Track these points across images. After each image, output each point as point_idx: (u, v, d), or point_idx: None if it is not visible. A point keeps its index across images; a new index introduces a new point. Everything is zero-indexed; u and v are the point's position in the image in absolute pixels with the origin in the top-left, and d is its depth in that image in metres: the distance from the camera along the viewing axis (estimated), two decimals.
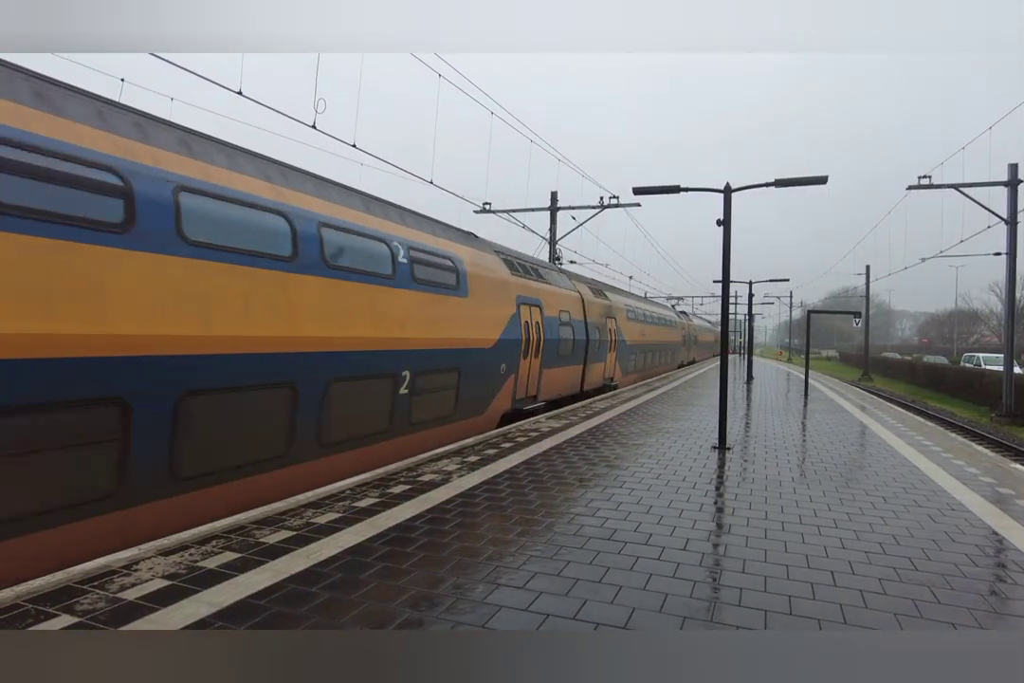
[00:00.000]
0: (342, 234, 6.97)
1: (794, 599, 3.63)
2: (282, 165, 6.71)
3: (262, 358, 5.69)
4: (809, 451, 8.61)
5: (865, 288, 45.82)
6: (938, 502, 5.93)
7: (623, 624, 3.27)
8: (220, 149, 5.92)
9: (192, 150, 5.50)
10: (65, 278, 4.12)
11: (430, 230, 9.26)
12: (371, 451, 7.40)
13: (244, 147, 6.36)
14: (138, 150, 4.90)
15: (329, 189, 7.28)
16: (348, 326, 6.80)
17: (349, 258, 6.98)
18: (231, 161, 5.91)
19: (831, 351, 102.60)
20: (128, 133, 4.93)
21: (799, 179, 8.78)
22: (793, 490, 6.30)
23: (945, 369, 37.96)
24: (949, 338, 77.36)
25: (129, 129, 4.96)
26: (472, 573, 3.90)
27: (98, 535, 4.43)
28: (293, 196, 6.44)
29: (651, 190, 9.36)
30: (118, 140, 4.78)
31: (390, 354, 7.57)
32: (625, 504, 5.61)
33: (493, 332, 10.28)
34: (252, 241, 5.71)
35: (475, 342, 9.65)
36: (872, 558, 4.35)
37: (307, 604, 3.39)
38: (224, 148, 6.00)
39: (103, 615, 3.17)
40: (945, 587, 3.85)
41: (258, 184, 6.06)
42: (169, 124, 5.53)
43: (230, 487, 5.45)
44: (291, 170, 6.82)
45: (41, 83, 4.51)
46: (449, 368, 8.99)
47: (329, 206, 7.00)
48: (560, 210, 22.53)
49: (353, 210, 7.46)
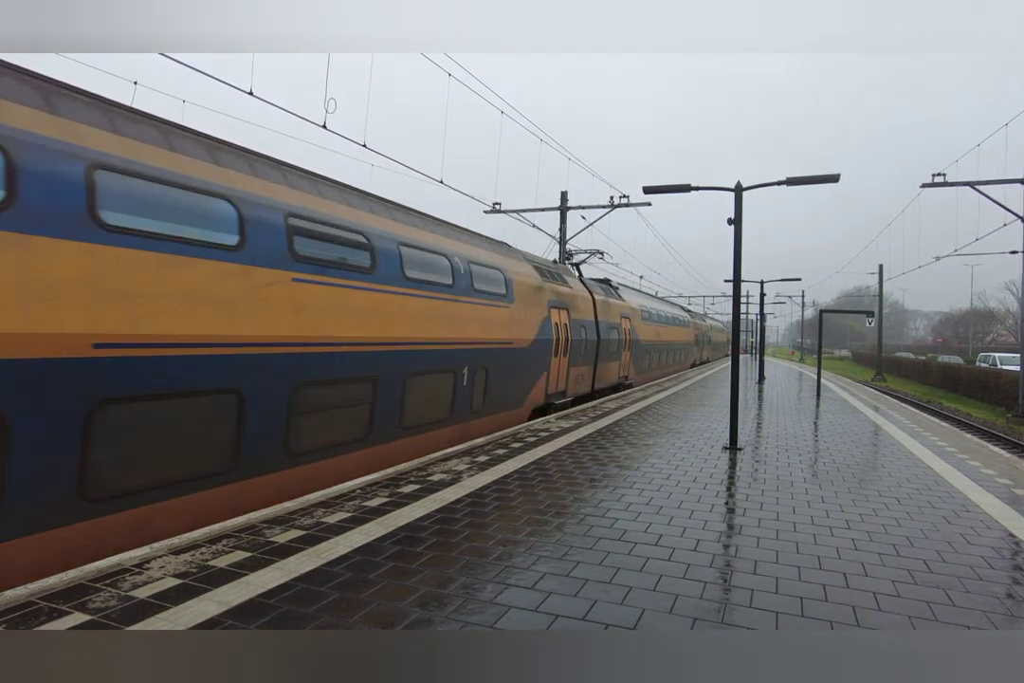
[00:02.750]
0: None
1: (806, 601, 3.59)
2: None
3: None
4: (822, 452, 8.54)
5: (878, 287, 45.39)
6: (953, 504, 5.86)
7: (633, 625, 3.25)
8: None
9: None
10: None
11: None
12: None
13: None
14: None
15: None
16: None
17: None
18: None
19: (844, 351, 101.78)
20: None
21: (811, 178, 8.70)
22: (805, 491, 6.25)
23: (960, 369, 37.50)
24: (964, 338, 76.47)
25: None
26: (481, 573, 3.90)
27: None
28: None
29: (662, 189, 9.31)
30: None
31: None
32: (635, 505, 5.58)
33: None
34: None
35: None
36: (885, 560, 4.30)
37: (317, 603, 3.39)
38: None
39: (115, 613, 3.20)
40: (960, 590, 3.79)
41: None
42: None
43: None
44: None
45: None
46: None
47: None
48: (570, 210, 22.48)
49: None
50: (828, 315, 22.26)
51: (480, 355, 9.45)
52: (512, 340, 10.57)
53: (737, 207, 8.95)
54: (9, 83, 4.19)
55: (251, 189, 5.74)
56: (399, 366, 7.47)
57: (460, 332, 8.83)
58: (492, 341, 9.83)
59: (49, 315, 3.95)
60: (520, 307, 11.05)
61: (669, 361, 28.33)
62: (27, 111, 4.17)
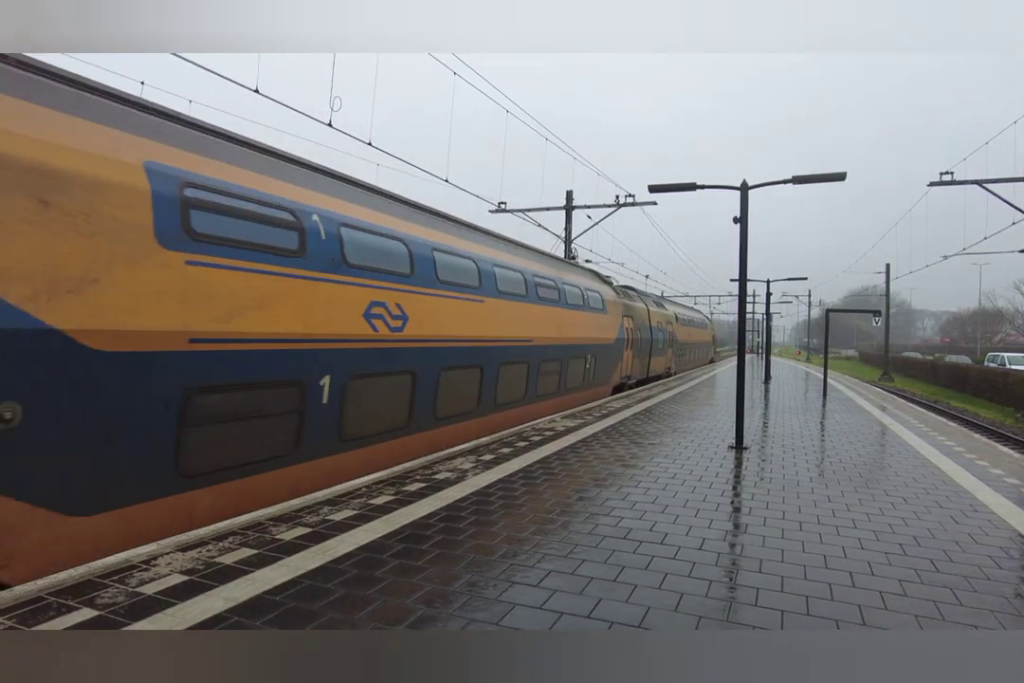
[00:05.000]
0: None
1: (811, 600, 3.58)
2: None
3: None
4: (828, 451, 8.51)
5: (885, 286, 45.17)
6: (960, 503, 5.83)
7: (638, 623, 3.25)
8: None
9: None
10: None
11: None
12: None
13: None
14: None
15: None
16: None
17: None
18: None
19: (850, 351, 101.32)
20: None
21: (818, 176, 8.66)
22: (811, 490, 6.23)
23: (968, 369, 37.28)
24: (972, 337, 76.01)
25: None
26: (486, 571, 3.90)
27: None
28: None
29: (667, 188, 9.29)
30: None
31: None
32: (640, 503, 5.57)
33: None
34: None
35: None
36: (892, 559, 4.29)
37: (322, 600, 3.41)
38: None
39: (122, 609, 3.22)
40: (968, 589, 3.77)
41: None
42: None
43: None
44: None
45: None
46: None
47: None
48: (576, 209, 22.45)
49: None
50: (835, 315, 22.18)
51: (596, 348, 15.21)
52: (608, 338, 16.32)
53: (743, 206, 8.92)
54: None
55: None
56: (568, 353, 13.12)
57: (587, 333, 14.47)
58: (599, 339, 15.53)
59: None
60: (610, 316, 16.63)
61: (696, 356, 35.66)
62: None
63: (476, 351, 9.12)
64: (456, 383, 8.62)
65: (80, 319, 3.99)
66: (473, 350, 9.02)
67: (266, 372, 5.40)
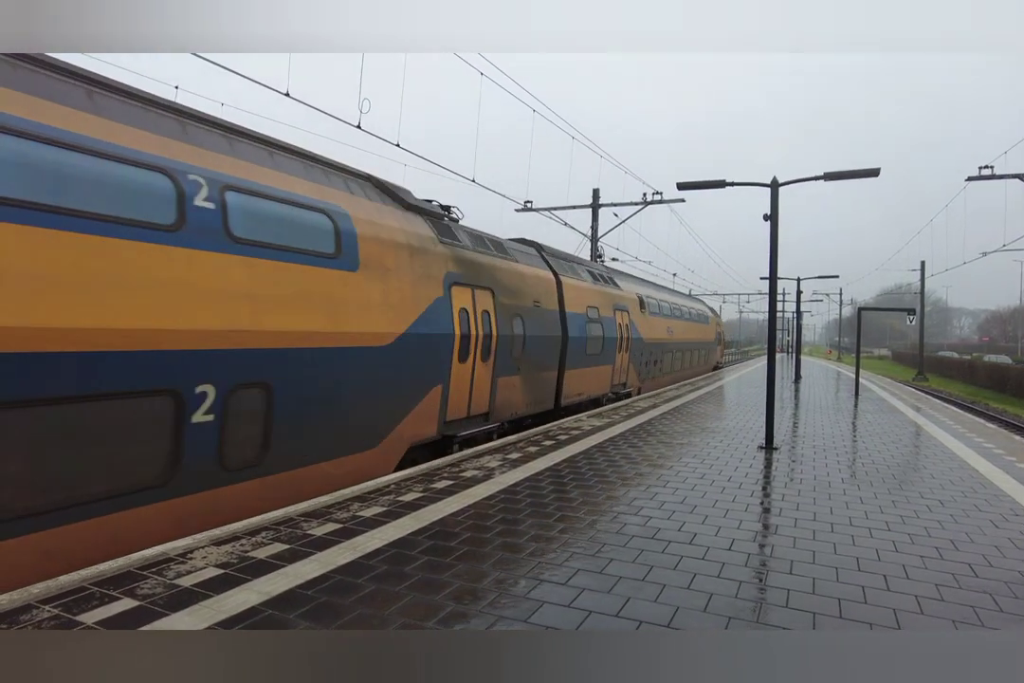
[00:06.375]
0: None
1: (844, 602, 3.53)
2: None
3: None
4: (860, 452, 8.35)
5: (920, 284, 44.05)
6: (1000, 507, 5.67)
7: (667, 622, 3.24)
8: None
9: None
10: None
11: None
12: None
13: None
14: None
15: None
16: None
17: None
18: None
19: (883, 350, 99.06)
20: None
21: (850, 172, 8.49)
22: (843, 491, 6.12)
23: (1008, 369, 36.17)
24: (1013, 336, 73.69)
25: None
26: (514, 568, 3.92)
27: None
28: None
29: (696, 185, 9.20)
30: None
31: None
32: (669, 503, 5.54)
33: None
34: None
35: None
36: (928, 563, 4.20)
37: (353, 595, 3.46)
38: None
39: (161, 600, 3.31)
40: (1008, 595, 3.68)
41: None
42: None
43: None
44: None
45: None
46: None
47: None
48: (602, 207, 22.34)
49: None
50: (867, 313, 21.77)
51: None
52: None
53: (773, 203, 8.79)
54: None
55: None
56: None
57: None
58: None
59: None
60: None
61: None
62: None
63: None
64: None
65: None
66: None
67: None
